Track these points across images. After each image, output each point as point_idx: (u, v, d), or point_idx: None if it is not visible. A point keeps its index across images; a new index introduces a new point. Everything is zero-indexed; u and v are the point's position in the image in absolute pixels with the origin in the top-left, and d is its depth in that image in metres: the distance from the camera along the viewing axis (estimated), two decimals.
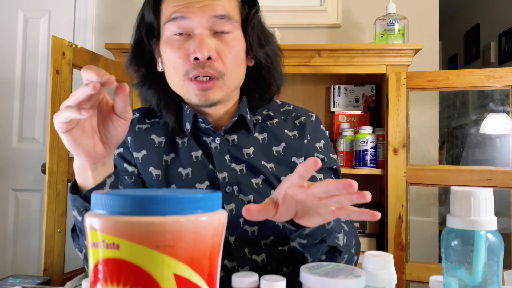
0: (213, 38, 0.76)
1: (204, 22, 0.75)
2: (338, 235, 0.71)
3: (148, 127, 0.87)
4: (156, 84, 0.84)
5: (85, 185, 0.65)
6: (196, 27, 0.75)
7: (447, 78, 1.55)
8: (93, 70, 0.53)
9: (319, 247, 0.69)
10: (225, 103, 0.83)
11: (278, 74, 0.88)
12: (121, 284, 0.31)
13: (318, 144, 0.89)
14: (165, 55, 0.79)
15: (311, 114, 0.92)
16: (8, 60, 2.03)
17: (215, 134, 0.83)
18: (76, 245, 0.76)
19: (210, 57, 0.74)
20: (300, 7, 1.93)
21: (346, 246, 0.74)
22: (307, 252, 0.70)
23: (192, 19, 0.75)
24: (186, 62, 0.76)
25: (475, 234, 0.48)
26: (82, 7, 2.01)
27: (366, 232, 1.67)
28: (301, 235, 0.65)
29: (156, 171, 0.82)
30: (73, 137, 0.58)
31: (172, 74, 0.79)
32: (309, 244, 0.68)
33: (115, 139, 0.63)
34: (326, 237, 0.67)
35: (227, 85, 0.78)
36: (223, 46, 0.76)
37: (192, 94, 0.77)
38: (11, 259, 1.98)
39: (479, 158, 2.91)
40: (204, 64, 0.75)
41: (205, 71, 0.75)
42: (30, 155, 1.98)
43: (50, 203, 1.40)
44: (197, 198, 0.33)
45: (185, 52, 0.76)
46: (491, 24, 3.22)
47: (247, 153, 0.83)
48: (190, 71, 0.76)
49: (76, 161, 0.64)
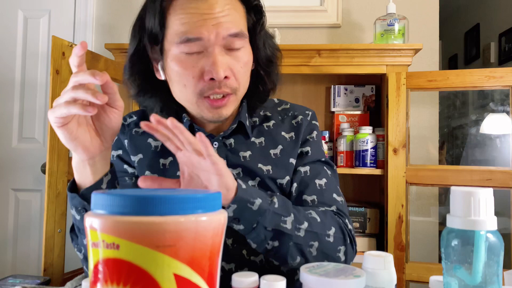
0: (226, 55, 0.74)
1: (219, 41, 0.72)
2: (285, 219, 0.70)
3: (145, 131, 0.86)
4: (158, 93, 0.82)
5: (83, 183, 0.65)
6: (210, 45, 0.72)
7: (447, 78, 1.55)
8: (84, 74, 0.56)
9: (259, 232, 0.68)
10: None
11: (276, 74, 0.88)
12: (121, 284, 0.31)
13: (309, 136, 0.89)
14: (173, 72, 0.75)
15: (308, 112, 0.91)
16: (8, 60, 2.03)
17: (213, 139, 0.83)
18: (75, 245, 0.76)
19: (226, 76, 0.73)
20: (300, 7, 1.93)
21: (309, 232, 0.72)
22: (252, 240, 0.69)
23: (208, 38, 0.71)
24: (200, 81, 0.73)
25: (475, 234, 0.48)
26: (82, 7, 2.01)
27: (366, 232, 1.67)
28: (231, 219, 0.66)
29: (152, 175, 0.82)
30: (69, 131, 0.59)
31: (181, 90, 0.76)
32: (247, 230, 0.68)
33: (110, 130, 0.63)
34: (262, 220, 0.67)
35: (239, 98, 0.79)
36: (235, 62, 0.75)
37: (205, 111, 0.76)
38: (11, 259, 1.98)
39: (479, 158, 2.91)
40: (220, 83, 0.73)
41: (222, 91, 0.74)
42: (30, 155, 1.98)
43: (50, 203, 1.40)
44: (197, 198, 0.33)
45: (199, 71, 0.73)
46: (491, 24, 3.22)
47: (243, 156, 0.83)
48: (205, 90, 0.74)
49: (74, 158, 0.64)
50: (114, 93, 0.60)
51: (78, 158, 0.63)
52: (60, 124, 0.58)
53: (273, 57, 0.85)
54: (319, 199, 0.82)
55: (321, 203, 0.82)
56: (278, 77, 0.88)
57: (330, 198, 0.83)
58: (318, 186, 0.83)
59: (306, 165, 0.85)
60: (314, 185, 0.83)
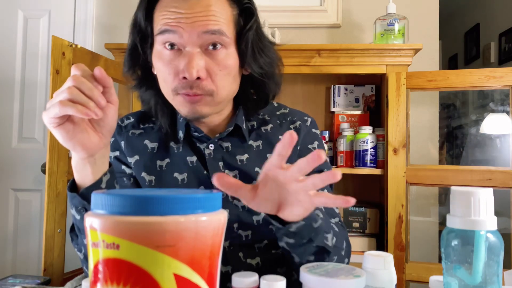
0: (204, 56, 0.73)
1: (194, 39, 0.72)
2: (327, 235, 0.70)
3: (141, 132, 0.87)
4: (152, 86, 0.83)
5: (83, 183, 0.65)
6: (186, 43, 0.73)
7: (447, 78, 1.55)
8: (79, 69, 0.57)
9: (306, 247, 0.68)
10: (217, 114, 0.83)
11: (274, 83, 0.86)
12: (121, 284, 0.31)
13: (311, 146, 0.88)
14: (157, 67, 0.78)
15: (307, 119, 0.91)
16: (8, 60, 2.03)
17: (209, 141, 0.83)
18: (75, 245, 0.76)
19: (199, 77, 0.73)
20: (300, 7, 1.93)
21: (335, 247, 0.73)
22: (295, 252, 0.69)
23: (182, 34, 0.72)
24: (175, 79, 0.74)
25: (475, 234, 0.48)
26: (82, 7, 2.01)
27: (366, 232, 1.67)
28: (288, 233, 0.64)
29: (148, 176, 0.83)
30: (65, 131, 0.58)
31: (163, 86, 0.79)
32: (296, 244, 0.67)
33: (108, 126, 0.63)
34: (314, 236, 0.67)
35: (216, 101, 0.77)
36: (213, 64, 0.74)
37: (182, 106, 0.77)
38: (11, 259, 1.98)
39: (479, 158, 2.91)
40: (193, 84, 0.73)
41: (193, 92, 0.74)
42: (30, 155, 1.98)
43: (50, 203, 1.40)
44: (197, 198, 0.33)
45: (174, 69, 0.74)
46: (491, 24, 3.22)
47: (240, 159, 0.83)
48: (179, 88, 0.75)
49: (74, 157, 0.64)
50: (110, 88, 0.60)
51: (77, 157, 0.63)
52: (56, 124, 0.57)
53: (268, 66, 0.83)
54: (326, 211, 0.83)
55: (329, 214, 0.83)
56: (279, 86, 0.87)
57: (333, 210, 0.85)
58: None
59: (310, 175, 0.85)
60: None
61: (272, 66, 0.84)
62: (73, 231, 0.76)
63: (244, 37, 0.78)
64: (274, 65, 0.85)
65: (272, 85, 0.86)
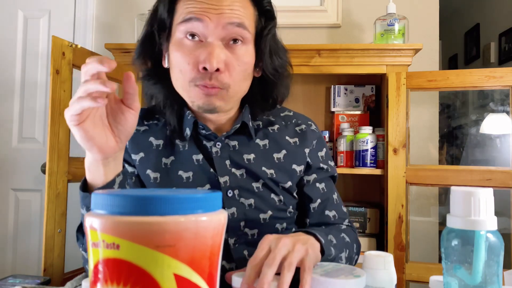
0: (224, 49, 0.74)
1: (219, 30, 0.73)
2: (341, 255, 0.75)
3: (146, 129, 0.87)
4: (162, 80, 0.83)
5: (95, 183, 0.65)
6: (210, 34, 0.74)
7: (447, 78, 1.55)
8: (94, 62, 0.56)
9: None
10: (224, 113, 0.84)
11: (283, 88, 0.88)
12: (121, 284, 0.31)
13: (320, 153, 0.90)
14: (174, 57, 0.77)
15: (311, 123, 0.93)
16: (8, 60, 2.03)
17: (216, 139, 0.83)
18: (81, 244, 0.75)
19: (218, 68, 0.73)
20: (300, 7, 1.93)
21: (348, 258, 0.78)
22: None
23: (208, 23, 0.73)
24: (194, 69, 0.74)
25: (475, 234, 0.48)
26: (82, 7, 2.01)
27: (366, 232, 1.67)
28: None
29: (153, 174, 0.82)
30: (85, 130, 0.58)
31: (178, 77, 0.78)
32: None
33: (126, 131, 0.63)
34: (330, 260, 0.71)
35: (230, 95, 0.78)
36: (233, 58, 0.75)
37: (197, 98, 0.76)
38: (11, 259, 1.98)
39: (479, 158, 2.91)
40: (212, 75, 0.74)
41: (211, 83, 0.74)
42: (30, 155, 1.98)
43: (50, 203, 1.40)
44: (197, 198, 0.33)
45: (195, 59, 0.74)
46: (491, 24, 3.22)
47: (247, 158, 0.83)
48: (198, 79, 0.74)
49: (88, 157, 0.64)
50: (134, 94, 0.60)
51: (92, 157, 0.63)
52: (76, 122, 0.57)
53: (281, 69, 0.85)
54: (338, 215, 0.88)
55: (340, 218, 0.88)
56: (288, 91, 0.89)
57: (343, 212, 0.90)
58: (334, 201, 0.89)
59: (322, 181, 0.90)
60: (332, 201, 0.89)
61: (285, 69, 0.87)
62: (80, 230, 0.75)
63: (264, 37, 0.81)
64: (286, 68, 0.87)
65: (282, 88, 0.87)
